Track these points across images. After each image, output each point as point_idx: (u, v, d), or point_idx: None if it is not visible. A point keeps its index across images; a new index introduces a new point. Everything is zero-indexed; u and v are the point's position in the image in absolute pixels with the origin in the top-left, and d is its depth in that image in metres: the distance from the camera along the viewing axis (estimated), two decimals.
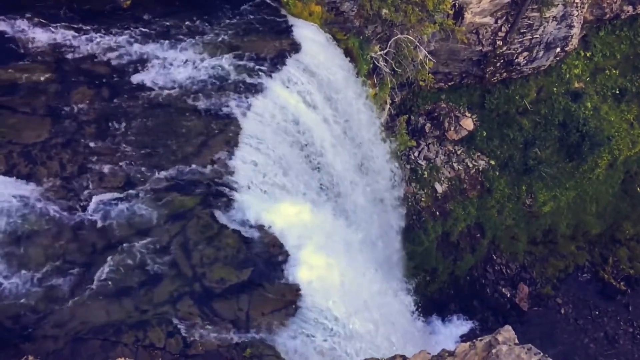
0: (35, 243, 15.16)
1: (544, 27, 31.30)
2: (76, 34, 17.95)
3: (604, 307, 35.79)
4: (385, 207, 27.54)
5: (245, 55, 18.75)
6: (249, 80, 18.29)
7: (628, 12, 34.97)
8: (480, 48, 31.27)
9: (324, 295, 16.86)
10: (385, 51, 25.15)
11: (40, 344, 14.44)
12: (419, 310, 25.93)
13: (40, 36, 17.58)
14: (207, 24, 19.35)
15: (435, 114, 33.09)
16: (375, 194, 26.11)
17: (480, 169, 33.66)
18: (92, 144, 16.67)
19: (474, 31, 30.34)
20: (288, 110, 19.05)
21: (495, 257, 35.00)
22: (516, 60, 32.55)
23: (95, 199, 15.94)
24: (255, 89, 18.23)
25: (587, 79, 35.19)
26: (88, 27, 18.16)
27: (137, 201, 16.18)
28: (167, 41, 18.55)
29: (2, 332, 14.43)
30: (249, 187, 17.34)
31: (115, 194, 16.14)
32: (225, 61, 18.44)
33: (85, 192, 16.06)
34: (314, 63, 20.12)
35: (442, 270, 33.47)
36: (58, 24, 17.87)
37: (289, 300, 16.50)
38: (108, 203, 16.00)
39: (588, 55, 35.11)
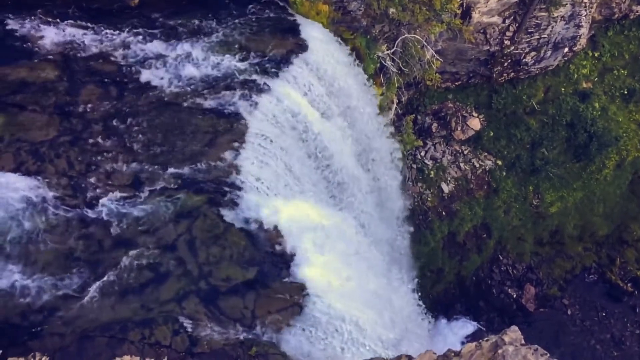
0: (42, 241, 15.23)
1: (552, 27, 31.15)
2: (85, 33, 18.03)
3: (611, 309, 35.61)
4: (388, 205, 27.53)
5: (253, 54, 18.78)
6: (256, 79, 18.32)
7: (637, 12, 34.74)
8: (488, 48, 31.16)
9: (330, 294, 16.87)
10: (392, 50, 25.11)
11: (48, 341, 14.52)
12: (425, 310, 25.88)
13: (49, 35, 17.67)
14: (214, 23, 19.39)
15: (442, 114, 33.01)
16: (380, 195, 26.09)
17: (487, 169, 33.56)
18: (99, 143, 16.74)
19: (481, 31, 30.24)
20: (294, 109, 19.06)
21: (501, 258, 34.89)
22: (524, 60, 32.41)
23: (102, 197, 16.01)
24: (262, 88, 18.26)
25: (595, 79, 35.00)
26: (96, 26, 18.24)
27: (144, 199, 16.24)
28: (174, 40, 18.60)
29: (10, 329, 14.53)
30: (255, 186, 17.37)
31: (123, 193, 16.20)
32: (233, 60, 18.47)
33: (93, 190, 16.13)
34: (320, 62, 20.12)
35: (448, 271, 33.40)
36: (66, 23, 17.96)
37: (294, 300, 16.53)
38: (115, 201, 16.06)
39: (596, 55, 34.92)
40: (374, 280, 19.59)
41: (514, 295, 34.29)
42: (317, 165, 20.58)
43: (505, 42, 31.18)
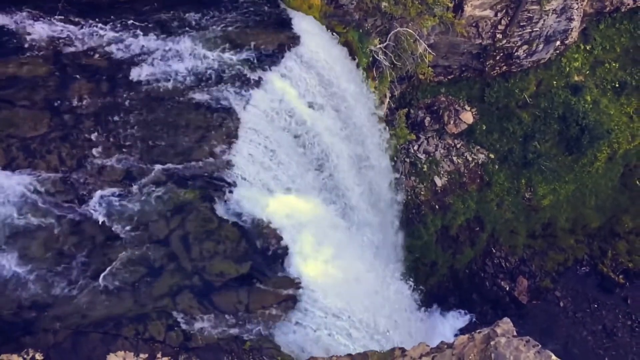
0: (35, 237, 15.17)
1: (544, 20, 31.21)
2: (75, 27, 17.88)
3: (603, 300, 35.88)
4: (383, 201, 27.58)
5: (244, 48, 18.71)
6: (248, 73, 18.26)
7: (628, 5, 34.84)
8: (480, 41, 31.19)
9: (323, 288, 16.92)
10: (384, 44, 25.09)
11: (41, 338, 14.50)
12: (419, 303, 26.00)
13: (39, 30, 17.51)
14: (206, 17, 19.29)
15: (435, 108, 33.04)
16: (373, 191, 26.13)
17: (480, 163, 33.65)
18: (91, 138, 16.66)
19: (473, 24, 30.25)
20: (287, 103, 19.03)
21: (494, 251, 35.05)
22: (516, 54, 32.47)
23: (94, 192, 15.95)
24: (254, 82, 18.21)
25: (587, 72, 35.11)
26: (86, 20, 18.09)
27: (136, 195, 16.19)
28: (166, 34, 18.49)
29: (3, 325, 14.48)
30: (248, 181, 17.36)
31: (114, 188, 16.14)
32: (224, 54, 18.40)
33: (85, 186, 16.07)
34: (313, 56, 20.07)
35: (442, 264, 33.53)
36: (56, 17, 17.80)
37: (288, 294, 16.57)
38: (107, 197, 16.01)
39: (588, 48, 35.00)
40: (366, 273, 19.64)
41: (507, 288, 34.48)
42: (310, 159, 20.58)
43: (498, 35, 31.21)
